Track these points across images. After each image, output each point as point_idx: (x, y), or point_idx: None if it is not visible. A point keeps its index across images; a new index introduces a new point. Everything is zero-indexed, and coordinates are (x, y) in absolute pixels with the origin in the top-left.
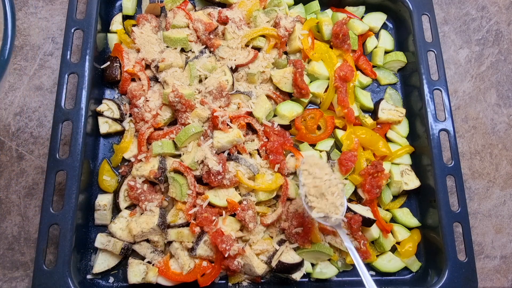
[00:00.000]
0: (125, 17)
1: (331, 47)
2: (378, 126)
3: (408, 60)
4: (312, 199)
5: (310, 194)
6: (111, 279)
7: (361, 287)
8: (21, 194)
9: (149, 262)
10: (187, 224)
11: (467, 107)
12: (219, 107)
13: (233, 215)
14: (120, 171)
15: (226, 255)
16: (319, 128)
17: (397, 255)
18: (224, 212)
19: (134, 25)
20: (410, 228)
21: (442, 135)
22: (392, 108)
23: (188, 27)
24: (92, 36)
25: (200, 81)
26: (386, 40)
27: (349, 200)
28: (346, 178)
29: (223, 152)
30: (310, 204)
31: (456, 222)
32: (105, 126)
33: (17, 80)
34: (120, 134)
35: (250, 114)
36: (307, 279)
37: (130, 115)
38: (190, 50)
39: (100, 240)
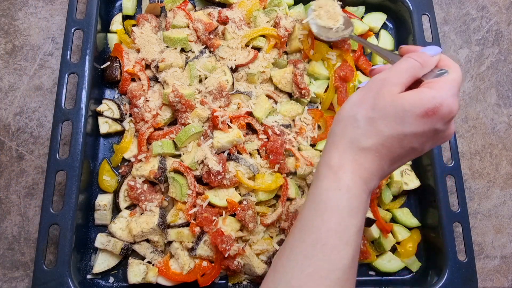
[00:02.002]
0: (125, 17)
1: (331, 47)
2: None
3: None
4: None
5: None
6: (111, 279)
7: (361, 287)
8: (21, 194)
9: (149, 262)
10: (187, 224)
11: (467, 107)
12: (219, 107)
13: (233, 215)
14: (120, 171)
15: (226, 255)
16: (319, 128)
17: (397, 255)
18: (224, 212)
19: (134, 25)
20: (410, 228)
21: None
22: None
23: (188, 27)
24: (92, 36)
25: (200, 81)
26: (386, 40)
27: None
28: None
29: (223, 152)
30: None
31: (456, 222)
32: (105, 126)
33: (17, 80)
34: (120, 134)
35: (250, 114)
36: None
37: (130, 115)
38: (190, 50)
39: (100, 240)
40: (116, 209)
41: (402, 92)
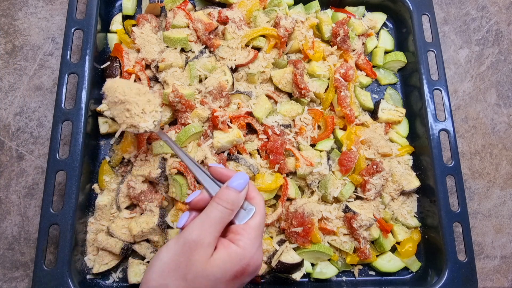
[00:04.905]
0: (125, 17)
1: (331, 47)
2: None
3: (408, 60)
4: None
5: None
6: (111, 279)
7: (361, 287)
8: (21, 194)
9: (149, 262)
10: None
11: (467, 107)
12: (219, 107)
13: None
14: (120, 171)
15: None
16: (319, 128)
17: (397, 255)
18: None
19: (134, 25)
20: (410, 228)
21: (442, 135)
22: (392, 108)
23: (188, 27)
24: (92, 36)
25: (200, 81)
26: (386, 40)
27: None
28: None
29: (223, 152)
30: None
31: (456, 222)
32: (105, 126)
33: (17, 80)
34: (120, 134)
35: (250, 114)
36: (307, 279)
37: None
38: (190, 50)
39: (101, 240)
40: (116, 209)
41: (213, 256)
